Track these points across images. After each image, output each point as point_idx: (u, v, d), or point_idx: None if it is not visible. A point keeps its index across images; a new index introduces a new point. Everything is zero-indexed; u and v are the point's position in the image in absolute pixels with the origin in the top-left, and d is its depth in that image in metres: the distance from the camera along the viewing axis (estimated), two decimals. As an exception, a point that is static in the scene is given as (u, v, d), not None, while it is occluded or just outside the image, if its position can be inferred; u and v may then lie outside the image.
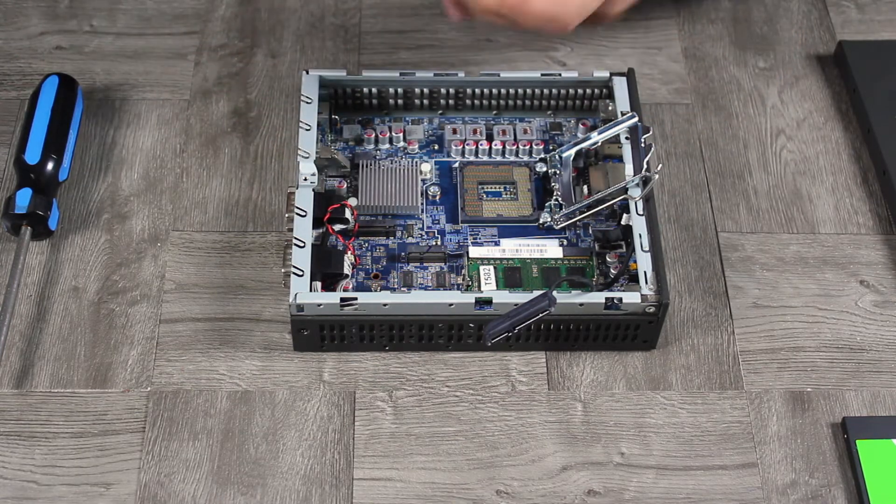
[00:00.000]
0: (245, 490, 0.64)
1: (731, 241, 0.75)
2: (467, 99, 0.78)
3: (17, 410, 0.66)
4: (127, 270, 0.72)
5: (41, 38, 0.85)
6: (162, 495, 0.63)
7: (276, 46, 0.85)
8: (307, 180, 0.71)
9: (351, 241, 0.71)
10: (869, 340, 0.70)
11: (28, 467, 0.64)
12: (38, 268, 0.72)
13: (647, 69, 0.84)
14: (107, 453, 0.65)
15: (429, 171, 0.75)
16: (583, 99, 0.78)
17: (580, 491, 0.64)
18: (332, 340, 0.68)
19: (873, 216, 0.76)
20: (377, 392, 0.67)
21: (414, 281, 0.70)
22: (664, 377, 0.69)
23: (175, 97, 0.81)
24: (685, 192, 0.77)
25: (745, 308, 0.72)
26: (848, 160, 0.79)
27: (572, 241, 0.72)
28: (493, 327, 0.65)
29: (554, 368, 0.69)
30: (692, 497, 0.64)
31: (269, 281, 0.72)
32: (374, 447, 0.65)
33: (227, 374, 0.68)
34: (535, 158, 0.76)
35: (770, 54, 0.86)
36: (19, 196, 0.72)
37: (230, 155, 0.78)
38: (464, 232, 0.72)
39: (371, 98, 0.77)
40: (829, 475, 0.65)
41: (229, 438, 0.65)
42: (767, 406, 0.68)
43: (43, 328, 0.69)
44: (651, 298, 0.66)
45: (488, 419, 0.67)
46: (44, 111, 0.76)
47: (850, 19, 0.88)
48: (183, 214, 0.75)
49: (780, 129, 0.81)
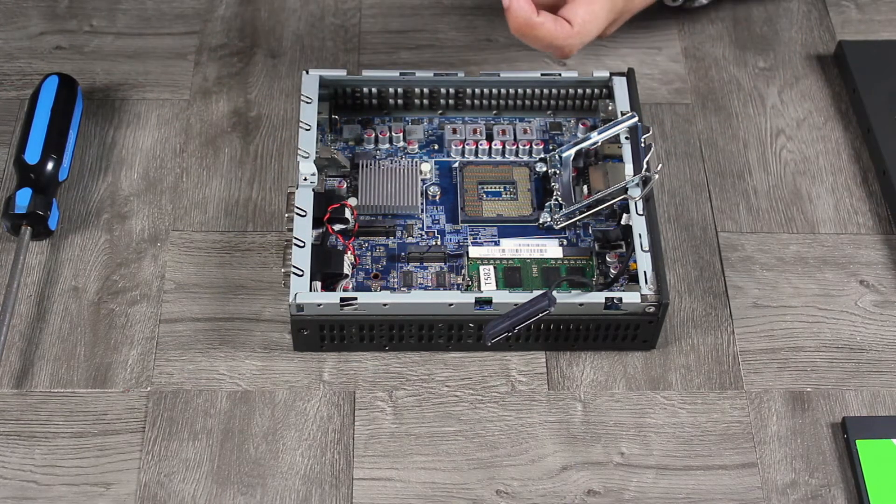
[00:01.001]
0: (245, 490, 0.64)
1: (731, 241, 0.75)
2: (467, 99, 0.78)
3: (17, 410, 0.66)
4: (127, 270, 0.72)
5: (41, 38, 0.85)
6: (162, 495, 0.63)
7: (276, 46, 0.85)
8: (307, 180, 0.71)
9: (351, 240, 0.71)
10: (869, 340, 0.70)
11: (28, 467, 0.64)
12: (38, 268, 0.72)
13: (647, 69, 0.84)
14: (107, 453, 0.65)
15: (429, 171, 0.75)
16: (583, 99, 0.78)
17: (580, 491, 0.64)
18: (331, 340, 0.68)
19: (873, 216, 0.76)
20: (377, 392, 0.67)
21: (414, 281, 0.70)
22: (664, 377, 0.69)
23: (175, 97, 0.81)
24: (685, 192, 0.77)
25: (744, 308, 0.72)
26: (848, 160, 0.79)
27: (572, 241, 0.72)
28: (493, 327, 0.65)
29: (554, 368, 0.69)
30: (692, 497, 0.64)
31: (269, 281, 0.72)
32: (373, 447, 0.65)
33: (227, 373, 0.68)
34: (535, 158, 0.76)
35: (770, 54, 0.86)
36: (19, 196, 0.72)
37: (230, 155, 0.78)
38: (464, 232, 0.72)
39: (371, 98, 0.77)
40: (829, 475, 0.65)
41: (229, 438, 0.65)
42: (767, 406, 0.68)
43: (43, 328, 0.69)
44: (651, 298, 0.66)
45: (488, 419, 0.67)
46: (44, 111, 0.76)
47: (850, 19, 0.88)
48: (183, 214, 0.75)
49: (779, 129, 0.81)
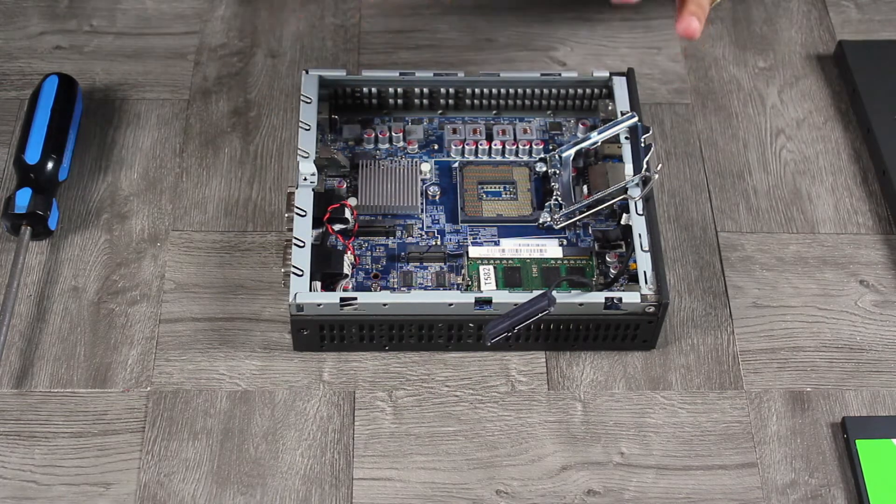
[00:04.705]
0: (245, 490, 0.64)
1: (731, 241, 0.75)
2: (467, 99, 0.78)
3: (17, 410, 0.66)
4: (127, 270, 0.72)
5: (41, 38, 0.85)
6: (162, 495, 0.63)
7: (276, 46, 0.85)
8: (307, 180, 0.71)
9: (351, 240, 0.71)
10: (869, 340, 0.70)
11: (28, 467, 0.64)
12: (37, 268, 0.72)
13: (647, 69, 0.84)
14: (106, 453, 0.65)
15: (428, 171, 0.75)
16: (583, 99, 0.78)
17: (580, 491, 0.64)
18: (331, 340, 0.68)
19: (873, 216, 0.76)
20: (377, 392, 0.67)
21: (414, 281, 0.70)
22: (664, 377, 0.69)
23: (175, 97, 0.81)
24: (685, 192, 0.77)
25: (744, 308, 0.72)
26: (848, 160, 0.79)
27: (572, 241, 0.72)
28: (493, 327, 0.65)
29: (554, 368, 0.69)
30: (692, 497, 0.64)
31: (268, 281, 0.72)
32: (373, 447, 0.65)
33: (226, 373, 0.68)
34: (535, 158, 0.76)
35: (770, 54, 0.86)
36: (19, 196, 0.72)
37: (230, 155, 0.78)
38: (463, 232, 0.72)
39: (371, 98, 0.77)
40: (829, 475, 0.65)
41: (229, 438, 0.65)
42: (767, 406, 0.68)
43: (43, 328, 0.69)
44: (651, 298, 0.66)
45: (488, 419, 0.67)
46: (44, 111, 0.76)
47: (850, 19, 0.88)
48: (183, 214, 0.75)
49: (779, 129, 0.81)
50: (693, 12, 0.71)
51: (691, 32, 0.71)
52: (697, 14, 0.71)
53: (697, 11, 0.72)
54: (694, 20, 0.71)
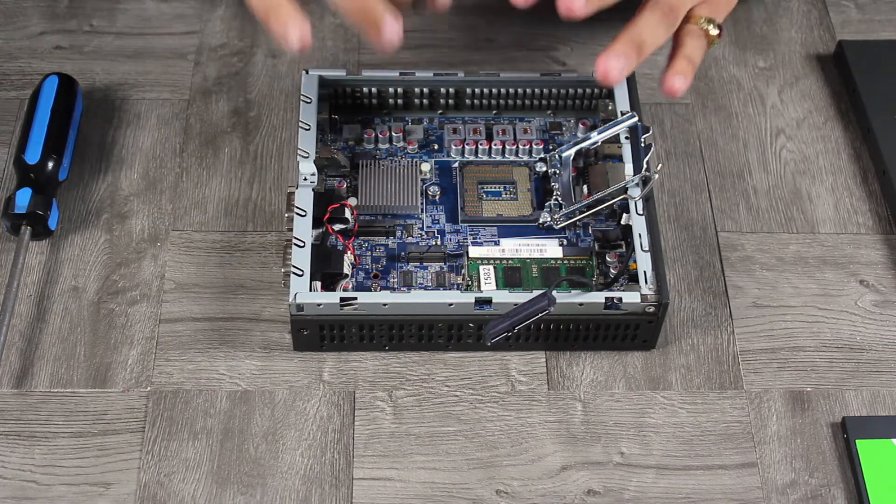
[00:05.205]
0: (245, 490, 0.64)
1: (731, 241, 0.75)
2: (467, 99, 0.78)
3: (17, 410, 0.66)
4: (127, 270, 0.72)
5: (41, 38, 0.85)
6: (162, 495, 0.63)
7: (276, 46, 0.85)
8: (307, 180, 0.71)
9: (351, 240, 0.71)
10: (869, 340, 0.70)
11: (28, 467, 0.64)
12: (37, 268, 0.72)
13: (647, 69, 0.84)
14: (106, 453, 0.65)
15: (428, 171, 0.75)
16: (583, 99, 0.78)
17: (580, 491, 0.64)
18: (331, 340, 0.68)
19: (873, 216, 0.76)
20: (377, 392, 0.67)
21: (414, 281, 0.70)
22: (664, 377, 0.69)
23: (175, 97, 0.81)
24: (685, 192, 0.77)
25: (744, 308, 0.72)
26: (848, 160, 0.79)
27: (572, 241, 0.72)
28: (493, 327, 0.65)
29: (554, 368, 0.69)
30: (692, 497, 0.64)
31: (268, 281, 0.72)
32: (373, 447, 0.65)
33: (226, 373, 0.68)
34: (535, 158, 0.76)
35: (770, 54, 0.86)
36: (19, 196, 0.72)
37: (230, 155, 0.78)
38: (463, 232, 0.72)
39: (371, 98, 0.77)
40: (829, 475, 0.65)
41: (229, 438, 0.65)
42: (767, 406, 0.68)
43: (43, 328, 0.69)
44: (651, 298, 0.66)
45: (488, 419, 0.67)
46: (44, 111, 0.76)
47: (850, 19, 0.88)
48: (183, 214, 0.75)
49: (779, 129, 0.81)
50: (680, 70, 0.68)
51: (674, 92, 0.67)
52: (685, 72, 0.67)
53: (686, 69, 0.68)
54: (679, 79, 0.67)
